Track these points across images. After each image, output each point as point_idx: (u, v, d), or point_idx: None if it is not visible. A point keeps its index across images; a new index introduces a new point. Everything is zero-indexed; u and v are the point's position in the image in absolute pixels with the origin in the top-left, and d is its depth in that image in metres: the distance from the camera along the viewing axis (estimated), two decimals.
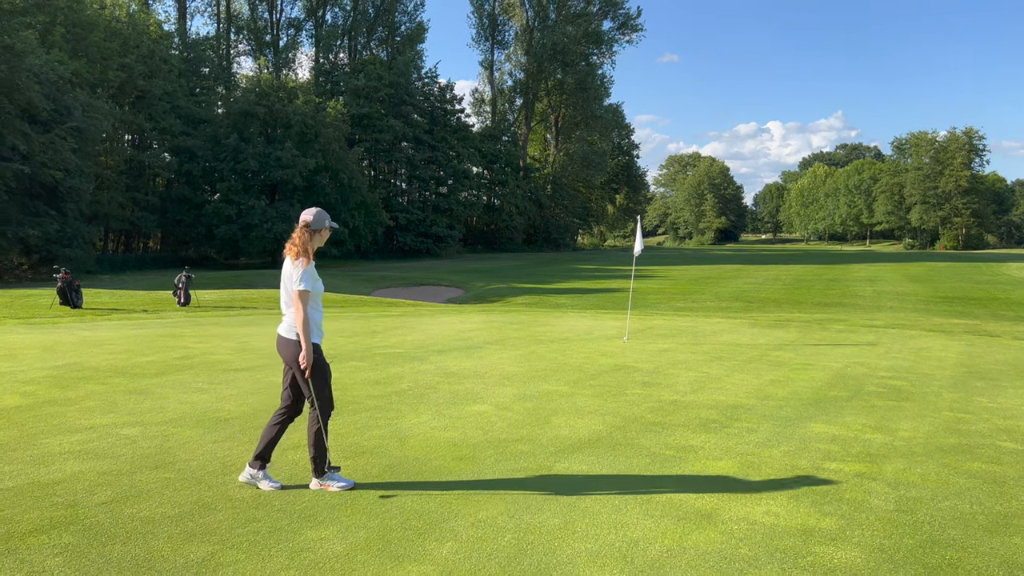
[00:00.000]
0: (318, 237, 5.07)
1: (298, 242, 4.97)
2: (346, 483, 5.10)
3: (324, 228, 5.10)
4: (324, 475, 5.07)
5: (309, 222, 5.03)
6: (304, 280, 4.90)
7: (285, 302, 5.12)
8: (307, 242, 4.97)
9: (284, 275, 5.07)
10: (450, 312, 20.45)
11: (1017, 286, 42.34)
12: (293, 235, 5.03)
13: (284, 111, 51.70)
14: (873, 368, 10.73)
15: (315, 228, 5.05)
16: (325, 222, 5.12)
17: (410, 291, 35.88)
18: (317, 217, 5.06)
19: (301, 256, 4.94)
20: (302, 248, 4.97)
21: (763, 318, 19.62)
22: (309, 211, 5.08)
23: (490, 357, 11.18)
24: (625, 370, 10.20)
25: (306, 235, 5.00)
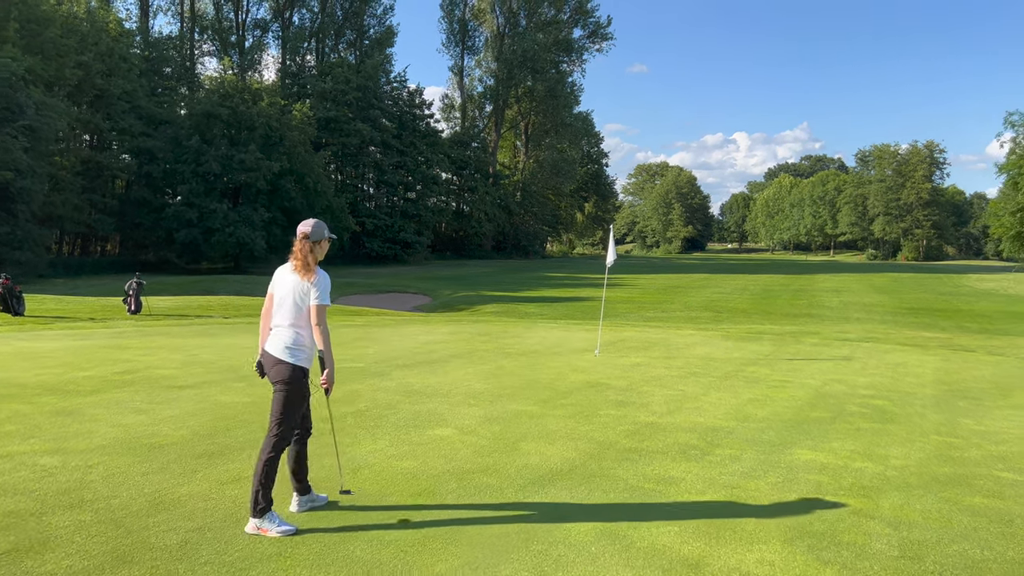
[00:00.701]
0: (319, 248, 4.79)
1: (299, 255, 4.70)
2: (287, 528, 4.52)
3: (324, 239, 4.85)
4: (264, 516, 4.50)
5: (308, 233, 4.76)
6: (325, 294, 4.69)
7: (286, 317, 4.72)
8: (308, 253, 4.71)
9: (288, 288, 4.73)
10: (416, 322, 19.82)
11: (979, 298, 42.80)
12: (294, 248, 4.75)
13: (248, 113, 50.58)
14: (852, 386, 10.35)
15: (315, 239, 4.78)
16: (324, 232, 4.86)
17: (376, 298, 35.11)
18: (316, 228, 4.81)
19: (303, 269, 4.68)
20: (303, 260, 4.70)
21: (735, 330, 19.29)
22: (307, 223, 4.83)
23: (456, 373, 10.60)
24: (598, 387, 9.69)
25: (307, 246, 4.73)
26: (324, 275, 4.74)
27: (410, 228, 69.30)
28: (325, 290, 4.69)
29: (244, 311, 21.01)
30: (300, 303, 4.66)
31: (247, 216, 49.60)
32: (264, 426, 7.09)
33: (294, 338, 4.65)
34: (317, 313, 4.62)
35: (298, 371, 4.62)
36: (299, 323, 4.66)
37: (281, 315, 4.73)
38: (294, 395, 4.63)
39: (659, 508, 5.08)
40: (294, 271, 4.72)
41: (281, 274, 4.85)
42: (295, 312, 4.67)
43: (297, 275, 4.69)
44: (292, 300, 4.68)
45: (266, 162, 49.48)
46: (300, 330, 4.66)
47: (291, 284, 4.70)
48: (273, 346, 4.69)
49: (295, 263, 4.72)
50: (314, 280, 4.64)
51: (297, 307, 4.67)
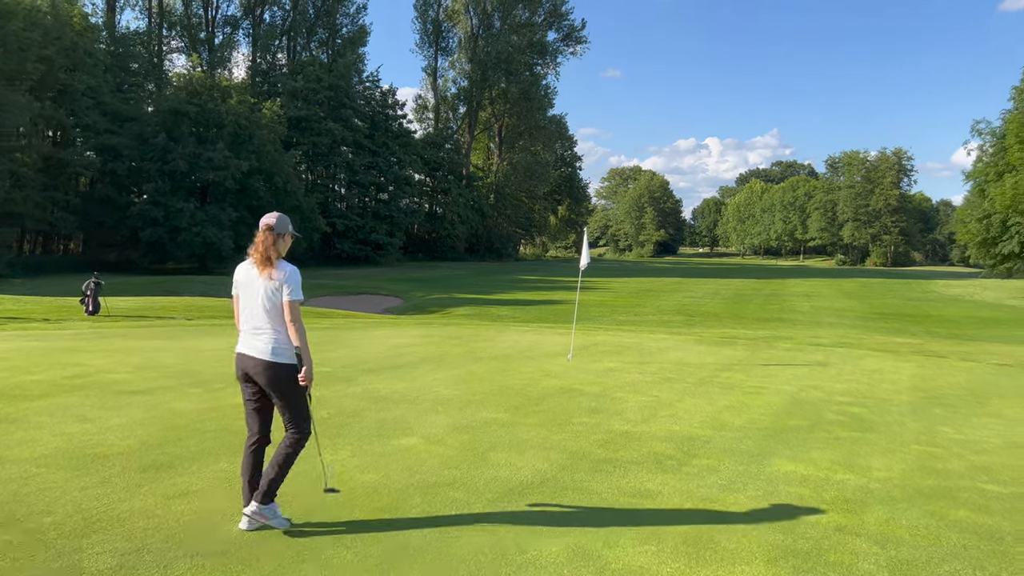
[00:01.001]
0: (282, 243, 4.56)
1: (260, 247, 4.48)
2: (283, 521, 4.55)
3: (288, 233, 4.62)
4: (268, 505, 4.51)
5: (272, 225, 4.54)
6: (298, 289, 4.49)
7: (262, 319, 4.51)
8: (270, 246, 4.48)
9: (256, 289, 4.51)
10: (386, 324, 19.41)
11: (947, 303, 43.30)
12: (255, 240, 4.53)
13: (217, 110, 49.74)
14: (828, 392, 10.18)
15: (279, 232, 4.55)
16: (288, 227, 4.64)
17: (346, 300, 34.58)
18: (280, 221, 4.59)
19: (262, 262, 4.47)
20: (263, 253, 4.48)
21: (708, 334, 19.14)
22: (271, 215, 4.62)
23: (425, 378, 10.26)
24: (570, 393, 9.41)
25: (270, 238, 4.50)
26: (294, 269, 4.54)
27: (382, 229, 68.68)
28: (297, 285, 4.49)
29: (208, 312, 20.46)
30: (272, 302, 4.46)
31: (214, 215, 48.74)
32: (219, 435, 6.72)
33: (276, 338, 4.47)
34: (291, 309, 4.45)
35: (292, 369, 4.48)
36: (277, 323, 4.47)
37: (256, 318, 4.53)
38: (299, 390, 4.52)
39: (635, 525, 4.80)
40: (254, 266, 4.52)
41: (245, 274, 4.62)
42: (271, 313, 4.47)
43: (258, 271, 4.48)
44: (262, 300, 4.47)
45: (235, 161, 48.69)
46: (279, 329, 4.48)
47: (258, 284, 4.49)
48: (258, 350, 4.49)
49: (254, 256, 4.50)
50: (284, 276, 4.44)
51: (271, 307, 4.47)
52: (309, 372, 4.49)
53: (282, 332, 4.47)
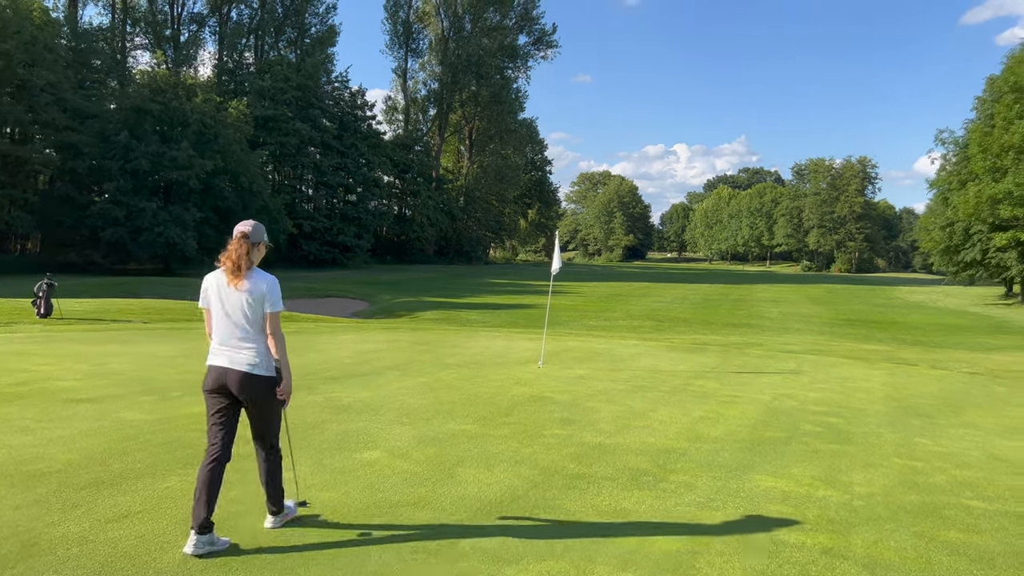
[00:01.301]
0: (256, 252, 4.42)
1: (233, 255, 4.30)
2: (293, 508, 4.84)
3: (263, 243, 4.48)
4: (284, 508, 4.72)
5: (248, 233, 4.39)
6: (279, 300, 4.42)
7: (241, 329, 4.34)
8: (244, 255, 4.30)
9: (232, 297, 4.33)
10: (352, 329, 18.96)
11: (911, 310, 43.84)
12: (228, 248, 4.35)
13: (181, 109, 48.73)
14: (803, 401, 10.00)
15: (255, 241, 4.40)
16: (264, 236, 4.51)
17: (312, 303, 33.97)
18: (256, 229, 4.44)
19: (233, 272, 4.29)
20: (236, 262, 4.29)
21: (679, 340, 18.98)
22: (246, 223, 4.46)
23: (390, 386, 9.89)
24: (541, 402, 9.10)
25: (244, 247, 4.33)
26: (274, 279, 4.41)
27: (350, 231, 67.92)
28: (279, 295, 4.42)
29: (168, 316, 19.84)
30: (252, 313, 4.32)
31: (178, 215, 47.71)
32: (169, 449, 6.29)
33: (257, 350, 4.35)
34: (274, 321, 4.36)
35: (272, 382, 4.42)
36: (256, 335, 4.35)
37: (233, 329, 4.35)
38: (277, 404, 4.49)
39: (610, 549, 4.50)
40: (225, 275, 4.33)
41: (217, 284, 4.41)
42: (250, 324, 4.33)
43: (230, 281, 4.30)
44: (241, 312, 4.31)
45: (199, 160, 47.70)
46: (259, 341, 4.36)
47: (235, 295, 4.31)
48: (238, 362, 4.33)
49: (226, 265, 4.31)
50: (266, 286, 4.32)
51: (250, 319, 4.32)
52: (288, 386, 4.45)
53: (262, 344, 4.35)
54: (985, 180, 42.84)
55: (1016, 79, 40.63)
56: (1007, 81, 41.98)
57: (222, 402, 4.39)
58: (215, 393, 4.39)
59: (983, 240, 45.97)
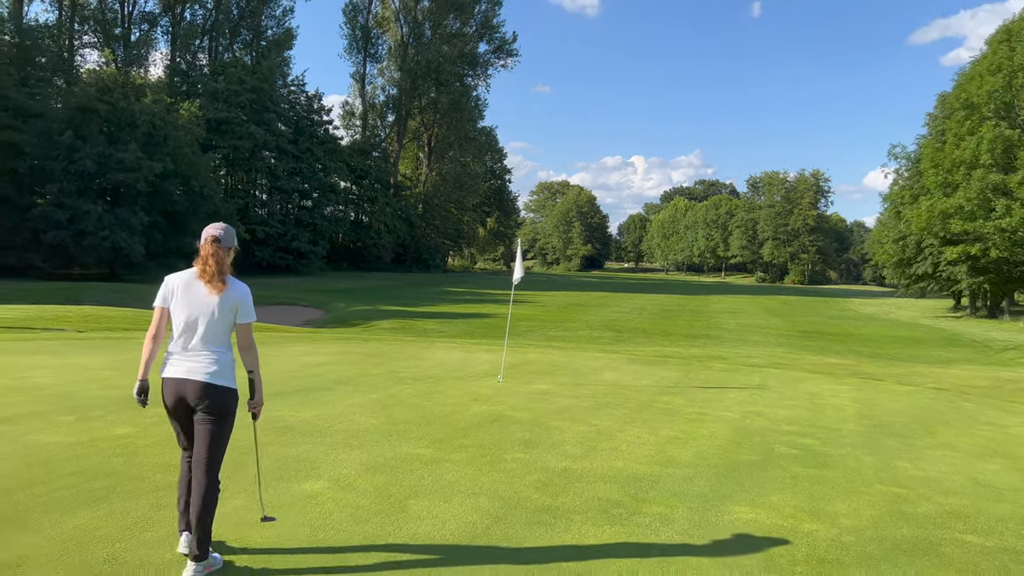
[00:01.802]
0: (228, 257, 4.20)
1: (212, 261, 4.04)
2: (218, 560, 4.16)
3: (233, 248, 4.25)
4: (210, 556, 4.07)
5: (221, 238, 4.14)
6: (252, 309, 4.23)
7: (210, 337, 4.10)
8: (224, 262, 4.11)
9: (204, 306, 4.07)
10: (302, 339, 18.15)
11: (865, 322, 44.34)
12: (203, 253, 4.08)
13: (129, 109, 47.15)
14: (774, 420, 9.59)
15: (228, 246, 4.19)
16: (234, 240, 4.28)
17: (262, 311, 32.83)
18: (228, 233, 4.21)
19: (216, 279, 4.05)
20: (217, 269, 4.06)
21: (641, 352, 18.58)
22: (217, 226, 4.20)
23: (339, 403, 9.21)
24: (502, 422, 8.53)
25: (222, 252, 4.11)
26: (246, 287, 4.22)
27: (304, 237, 66.59)
28: (252, 305, 4.23)
29: (106, 324, 18.80)
30: (224, 322, 4.10)
31: (124, 219, 46.07)
32: (85, 479, 5.53)
33: (222, 359, 4.10)
34: (248, 332, 4.19)
35: (235, 395, 4.16)
36: (223, 344, 4.14)
37: (201, 338, 4.08)
38: (232, 423, 4.18)
39: None
40: (201, 280, 4.07)
41: (187, 288, 4.11)
42: (220, 333, 4.10)
43: (208, 288, 4.05)
44: (214, 320, 4.07)
45: (147, 162, 46.15)
46: (225, 351, 4.14)
47: (208, 302, 4.06)
48: (202, 373, 4.04)
49: (206, 270, 4.05)
50: (240, 296, 4.12)
51: (222, 327, 4.10)
52: (260, 397, 4.29)
53: (227, 353, 4.14)
54: (936, 195, 43.58)
55: (967, 96, 41.45)
56: (958, 98, 42.82)
57: (183, 414, 4.13)
58: (172, 405, 4.11)
59: (934, 254, 46.77)
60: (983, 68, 41.29)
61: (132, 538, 4.48)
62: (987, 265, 43.21)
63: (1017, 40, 40.06)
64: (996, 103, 40.02)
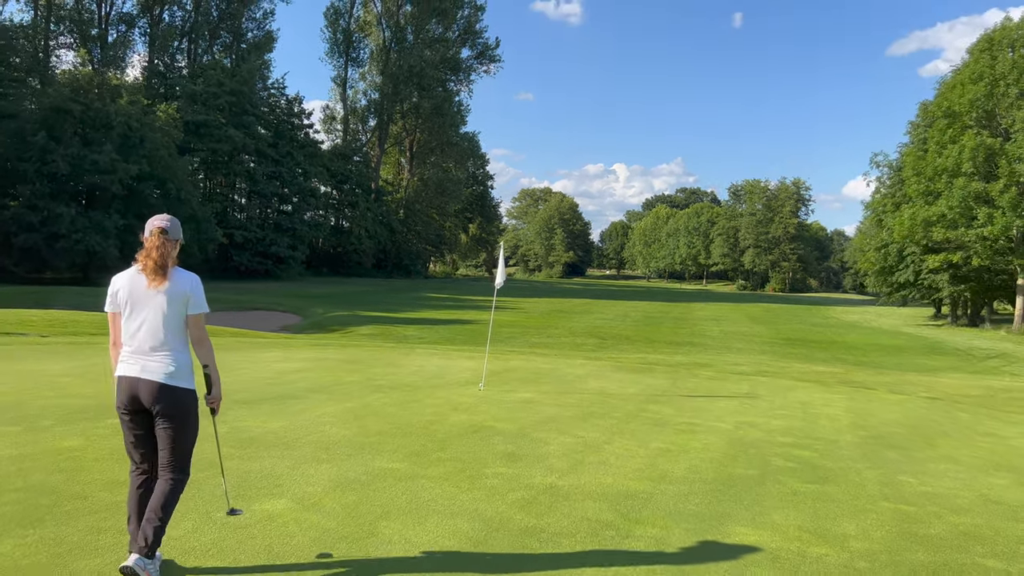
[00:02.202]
0: (174, 250, 4.01)
1: (155, 253, 3.86)
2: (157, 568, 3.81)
3: (180, 240, 4.08)
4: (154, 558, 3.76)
5: (167, 228, 3.98)
6: (204, 301, 4.01)
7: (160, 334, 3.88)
8: (169, 254, 3.91)
9: (150, 299, 3.87)
10: (277, 345, 17.55)
11: (848, 330, 44.28)
12: (147, 245, 3.91)
13: (104, 110, 46.30)
14: (767, 431, 9.17)
15: (174, 237, 4.02)
16: (180, 233, 4.12)
17: (238, 316, 32.22)
18: (175, 225, 4.05)
19: (157, 271, 3.85)
20: (160, 260, 3.86)
21: (626, 359, 18.15)
22: (163, 217, 4.06)
23: (310, 412, 8.68)
24: (483, 433, 8.03)
25: (168, 244, 3.94)
26: (196, 277, 4.02)
27: (284, 242, 65.74)
28: (203, 296, 4.00)
29: (72, 328, 18.10)
30: (173, 317, 3.88)
31: (98, 222, 45.20)
32: (24, 496, 4.96)
33: (177, 358, 3.90)
34: (200, 325, 3.99)
35: (193, 395, 3.98)
36: (177, 341, 3.92)
37: (151, 335, 3.87)
38: (196, 421, 4.00)
39: None
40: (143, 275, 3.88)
41: (131, 285, 3.92)
42: (170, 329, 3.89)
43: (151, 282, 3.85)
44: (161, 315, 3.86)
45: (123, 164, 45.36)
46: (179, 348, 3.93)
47: (154, 296, 3.87)
48: (155, 372, 3.85)
49: (148, 263, 3.86)
50: (189, 286, 3.92)
51: (172, 323, 3.88)
52: (218, 393, 4.10)
53: (183, 351, 3.95)
54: (918, 203, 43.64)
55: (949, 104, 41.57)
56: (940, 107, 42.95)
57: (138, 419, 3.91)
58: (131, 412, 3.89)
59: (916, 262, 46.85)
60: (965, 77, 41.46)
61: (62, 568, 3.94)
62: (968, 273, 43.32)
63: (999, 49, 40.28)
64: (978, 111, 40.17)
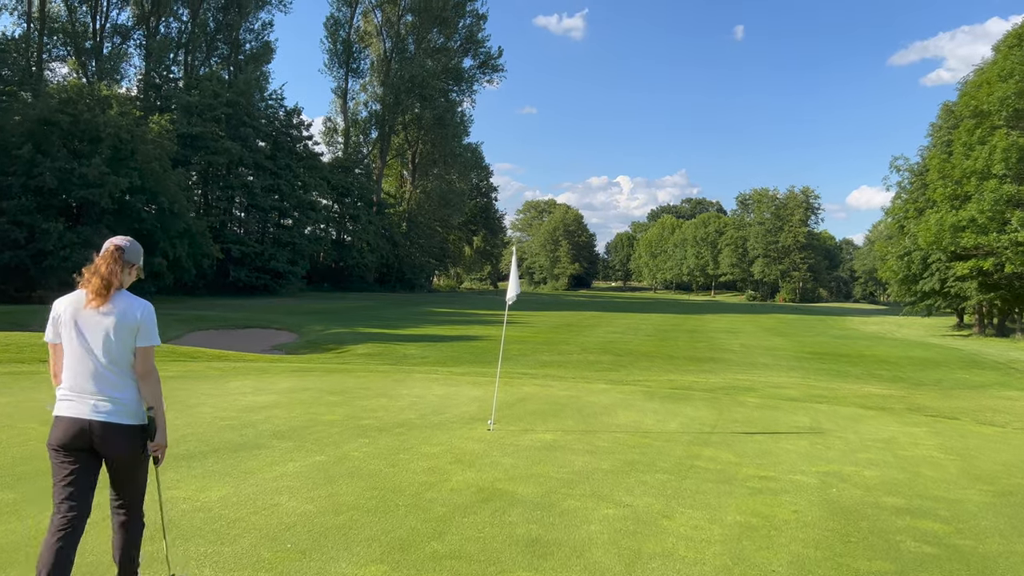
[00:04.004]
0: (128, 275, 3.55)
1: (103, 271, 3.40)
2: None
3: (137, 266, 3.65)
4: None
5: (124, 248, 3.55)
6: (154, 332, 3.52)
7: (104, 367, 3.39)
8: (118, 275, 3.43)
9: (94, 326, 3.38)
10: (252, 371, 15.44)
11: (874, 342, 42.04)
12: (95, 264, 3.44)
13: (94, 122, 44.42)
14: (866, 488, 7.05)
15: (129, 260, 3.57)
16: (140, 259, 3.68)
17: (230, 336, 30.18)
18: (134, 247, 3.63)
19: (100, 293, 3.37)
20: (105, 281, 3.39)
21: (654, 383, 16.00)
22: (123, 237, 3.59)
23: (265, 473, 6.59)
24: (496, 502, 5.94)
25: (119, 265, 3.48)
26: (148, 305, 3.53)
27: (283, 257, 63.72)
28: (154, 326, 3.52)
29: (28, 352, 16.08)
30: (119, 347, 3.40)
31: (88, 238, 43.09)
32: None
33: (124, 395, 3.43)
34: (148, 358, 3.48)
35: (144, 433, 3.47)
36: (123, 375, 3.43)
37: (95, 368, 3.37)
38: (146, 462, 3.57)
39: None
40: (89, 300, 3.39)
41: (74, 310, 3.42)
42: (116, 361, 3.40)
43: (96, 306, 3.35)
44: (105, 345, 3.38)
45: (113, 178, 43.41)
46: (127, 383, 3.43)
47: (99, 323, 3.38)
48: (101, 411, 3.35)
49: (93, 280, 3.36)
50: (139, 315, 3.43)
51: (117, 354, 3.40)
52: (164, 439, 3.56)
53: (129, 387, 3.44)
54: (943, 207, 41.50)
55: (977, 103, 39.46)
56: (967, 106, 40.83)
57: (74, 462, 3.38)
58: (65, 450, 3.37)
59: (941, 269, 44.62)
60: (992, 75, 39.37)
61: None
62: (999, 281, 41.06)
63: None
64: (1008, 110, 38.03)
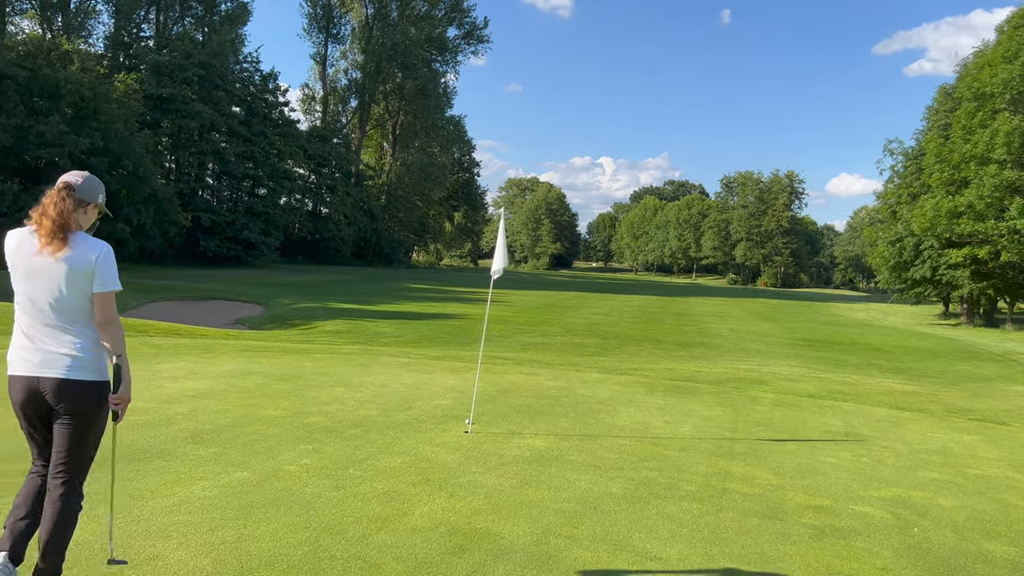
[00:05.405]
0: (83, 215, 3.15)
1: (51, 211, 3.04)
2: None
3: (95, 204, 3.22)
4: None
5: (74, 185, 3.16)
6: (114, 275, 3.11)
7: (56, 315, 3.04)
8: (68, 213, 3.05)
9: (44, 271, 3.01)
10: (193, 350, 13.61)
11: (865, 329, 40.89)
12: (43, 202, 3.11)
13: (53, 77, 41.89)
14: (955, 527, 5.47)
15: (83, 198, 3.17)
16: (99, 196, 3.25)
17: (191, 307, 28.25)
18: (89, 184, 3.21)
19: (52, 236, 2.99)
20: (55, 222, 3.01)
21: (653, 374, 14.40)
22: (77, 173, 3.21)
23: (162, 496, 4.86)
24: (474, 553, 4.27)
25: (69, 203, 3.11)
26: (106, 246, 3.10)
27: (256, 227, 61.40)
28: (114, 269, 3.11)
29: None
30: (74, 295, 3.02)
31: None
32: None
33: (79, 345, 3.06)
34: (107, 304, 3.09)
35: (105, 388, 3.13)
36: (79, 324, 3.07)
37: (45, 316, 3.04)
38: (103, 420, 3.16)
39: None
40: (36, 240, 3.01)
41: (20, 251, 3.06)
42: (71, 309, 3.04)
43: (45, 249, 2.97)
44: (57, 291, 3.01)
45: (72, 137, 40.97)
46: (83, 332, 3.07)
47: (48, 268, 2.99)
48: (52, 364, 3.02)
49: (42, 223, 3.01)
50: (95, 257, 3.01)
51: (72, 301, 3.03)
52: (126, 392, 3.15)
53: (86, 336, 3.09)
54: (939, 192, 40.24)
55: (979, 85, 38.08)
56: (969, 87, 39.43)
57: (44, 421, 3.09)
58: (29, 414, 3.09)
59: (933, 257, 43.45)
60: (996, 56, 38.00)
61: None
62: (993, 270, 39.96)
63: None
64: (1012, 92, 36.70)
